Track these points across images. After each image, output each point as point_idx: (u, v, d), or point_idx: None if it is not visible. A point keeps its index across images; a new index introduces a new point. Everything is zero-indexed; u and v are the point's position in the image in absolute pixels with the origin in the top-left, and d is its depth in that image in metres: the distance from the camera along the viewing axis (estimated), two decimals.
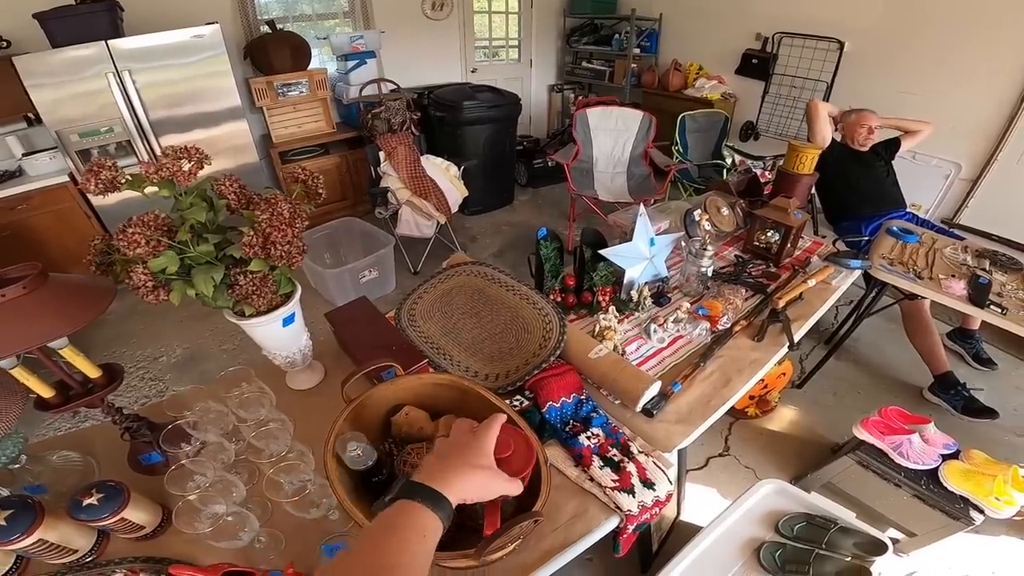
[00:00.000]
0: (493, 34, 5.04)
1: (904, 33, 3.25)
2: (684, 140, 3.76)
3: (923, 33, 3.16)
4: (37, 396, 0.86)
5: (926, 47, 3.17)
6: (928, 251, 2.00)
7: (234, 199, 0.88)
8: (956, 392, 2.18)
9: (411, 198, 2.99)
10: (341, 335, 1.16)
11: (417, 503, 0.54)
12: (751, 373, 1.23)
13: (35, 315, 0.73)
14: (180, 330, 2.86)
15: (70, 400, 0.88)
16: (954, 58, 3.07)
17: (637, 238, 1.35)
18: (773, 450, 2.08)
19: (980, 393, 2.19)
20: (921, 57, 3.21)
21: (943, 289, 1.75)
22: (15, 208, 2.89)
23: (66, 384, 0.88)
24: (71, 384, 0.88)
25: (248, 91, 3.44)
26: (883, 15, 3.31)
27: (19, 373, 0.81)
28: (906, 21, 3.22)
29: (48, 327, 0.73)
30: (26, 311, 0.72)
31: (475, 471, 0.61)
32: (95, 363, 0.90)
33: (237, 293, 0.87)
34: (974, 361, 2.51)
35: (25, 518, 0.74)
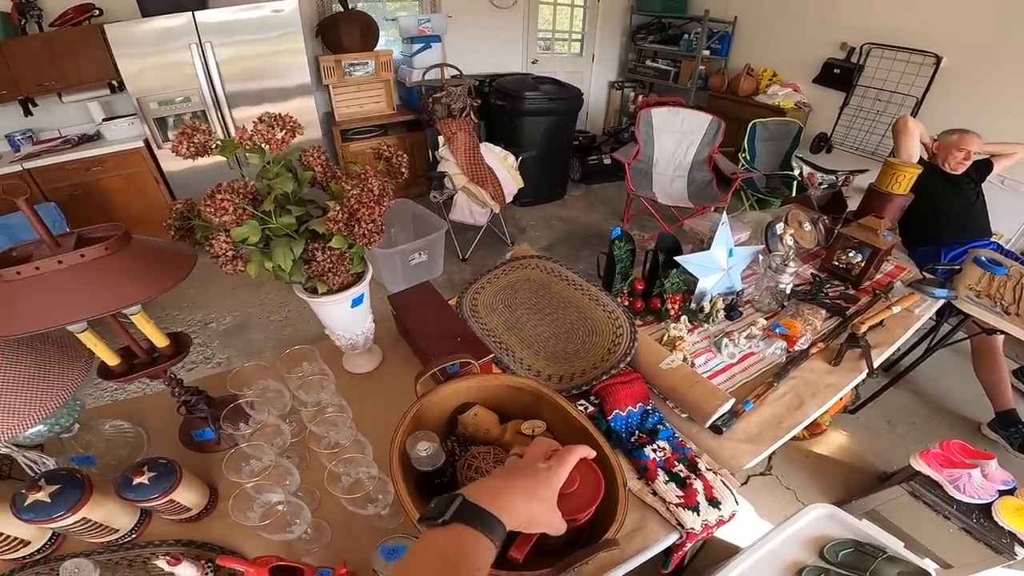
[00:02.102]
0: (557, 26, 4.96)
1: (1009, 50, 3.01)
2: (753, 148, 3.61)
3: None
4: (101, 363, 0.84)
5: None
6: (1016, 285, 1.84)
7: (320, 172, 0.86)
8: (1016, 430, 2.12)
9: (467, 184, 2.98)
10: (405, 321, 1.13)
11: (475, 530, 0.49)
12: (826, 397, 1.17)
13: (115, 278, 0.72)
14: (231, 298, 2.94)
15: (134, 369, 0.86)
16: None
17: (716, 247, 1.28)
18: (817, 473, 2.02)
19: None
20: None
21: None
22: (90, 169, 3.03)
23: (131, 352, 0.87)
24: (137, 352, 0.87)
25: (316, 68, 3.49)
26: (988, 31, 3.07)
27: (87, 338, 0.79)
28: (1013, 38, 2.98)
29: (127, 291, 0.71)
30: (106, 273, 0.71)
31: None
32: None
33: (313, 269, 0.85)
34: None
35: (72, 494, 0.71)
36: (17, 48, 2.80)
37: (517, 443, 0.85)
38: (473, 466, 0.80)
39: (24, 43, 2.84)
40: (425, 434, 0.77)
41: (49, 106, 3.16)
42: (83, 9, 2.94)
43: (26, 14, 2.88)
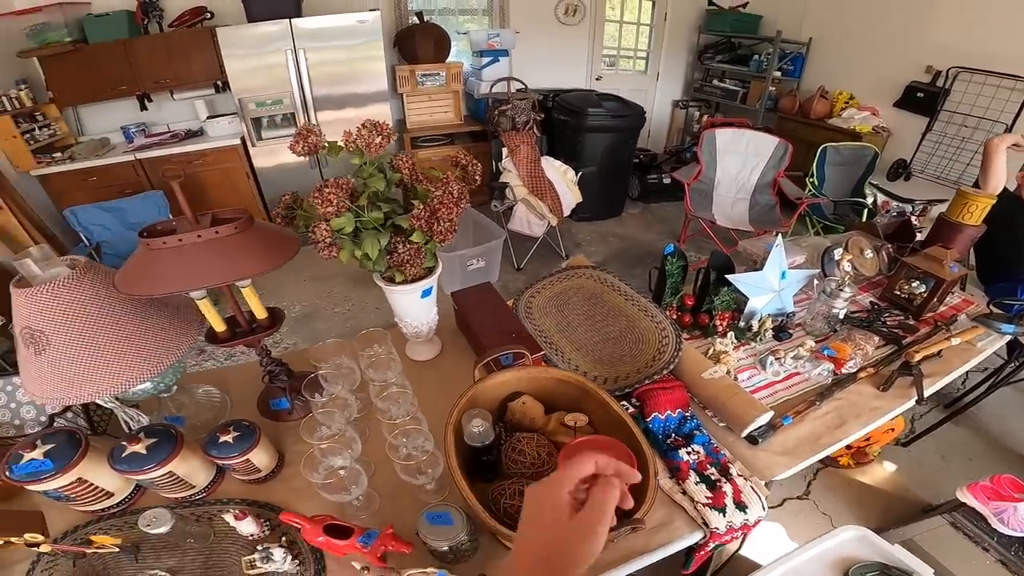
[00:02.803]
0: (622, 43, 5.02)
1: None
2: (822, 173, 3.51)
3: None
4: (209, 328, 0.98)
5: None
6: None
7: (407, 174, 0.98)
8: None
9: (527, 196, 3.09)
10: (465, 315, 1.24)
11: None
12: (869, 420, 1.17)
13: (239, 253, 0.85)
14: (302, 290, 3.18)
15: (236, 336, 0.99)
16: None
17: (768, 268, 1.30)
18: (857, 501, 1.97)
19: None
20: None
21: None
22: (192, 162, 3.38)
23: (235, 321, 1.01)
24: (240, 321, 1.01)
25: (392, 77, 3.73)
26: None
27: (203, 305, 0.93)
28: None
29: (248, 265, 0.85)
30: (233, 248, 0.85)
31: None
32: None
33: (394, 260, 0.97)
34: None
35: (165, 448, 0.81)
36: (140, 46, 3.18)
37: (559, 433, 0.92)
38: (518, 448, 0.88)
39: (146, 42, 3.22)
40: (479, 412, 0.86)
41: (161, 102, 3.56)
42: (197, 11, 3.30)
43: (149, 14, 3.27)
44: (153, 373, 0.85)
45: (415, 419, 0.91)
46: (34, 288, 0.77)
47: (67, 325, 0.79)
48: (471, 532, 0.79)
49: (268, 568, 0.79)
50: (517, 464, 0.86)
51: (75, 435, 0.83)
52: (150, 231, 0.85)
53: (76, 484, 0.81)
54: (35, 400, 0.84)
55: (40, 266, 0.81)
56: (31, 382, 0.81)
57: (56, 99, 3.24)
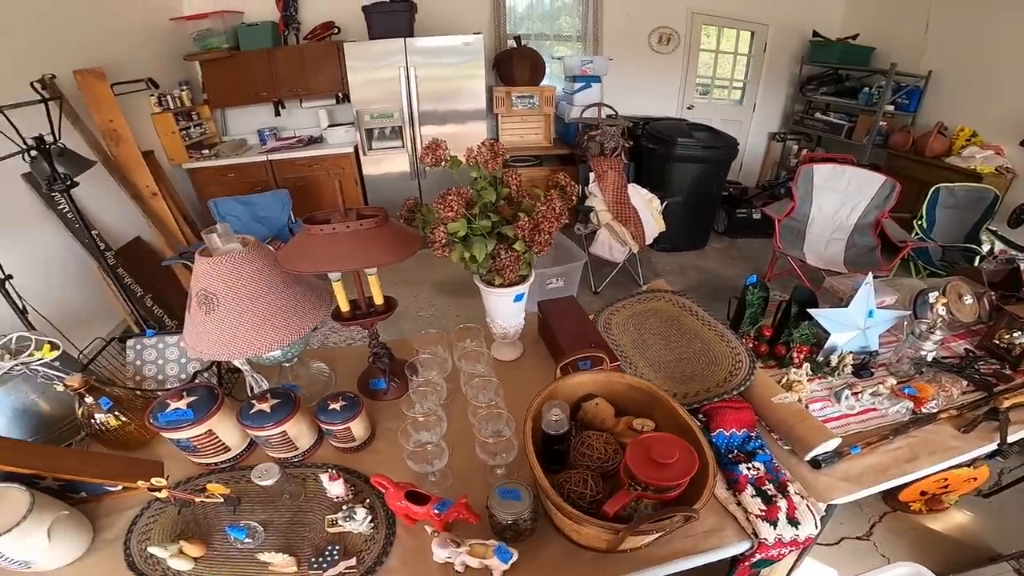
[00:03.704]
0: (717, 73, 4.98)
1: None
2: (932, 215, 3.28)
3: None
4: (336, 307, 1.15)
5: None
6: None
7: (515, 189, 1.12)
8: None
9: (611, 221, 3.16)
10: (551, 322, 1.35)
11: None
12: (944, 458, 1.14)
13: (376, 244, 1.02)
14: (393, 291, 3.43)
15: (356, 318, 1.17)
16: None
17: (855, 305, 1.30)
18: (921, 545, 1.86)
19: None
20: None
21: None
22: (311, 166, 3.81)
23: (357, 304, 1.18)
24: (361, 304, 1.18)
25: (489, 98, 3.98)
26: None
27: (338, 287, 1.11)
28: None
29: (384, 254, 1.02)
30: (372, 239, 1.02)
31: None
32: None
33: (496, 264, 1.11)
34: None
35: (285, 408, 0.95)
36: (280, 56, 3.65)
37: (627, 435, 1.00)
38: (587, 443, 0.96)
39: (285, 52, 3.70)
40: (559, 403, 0.96)
41: (292, 109, 4.05)
42: (328, 26, 3.75)
43: (289, 25, 3.75)
44: (292, 339, 1.01)
45: (498, 406, 1.02)
46: (215, 257, 0.96)
47: (235, 291, 0.96)
48: (533, 512, 0.87)
49: (347, 528, 0.88)
50: (584, 457, 0.94)
51: (214, 391, 0.99)
52: (309, 219, 1.05)
53: (205, 436, 0.96)
54: (196, 354, 1.01)
55: (222, 240, 1.02)
56: (196, 338, 0.97)
57: (210, 100, 3.80)
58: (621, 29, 4.39)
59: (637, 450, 0.84)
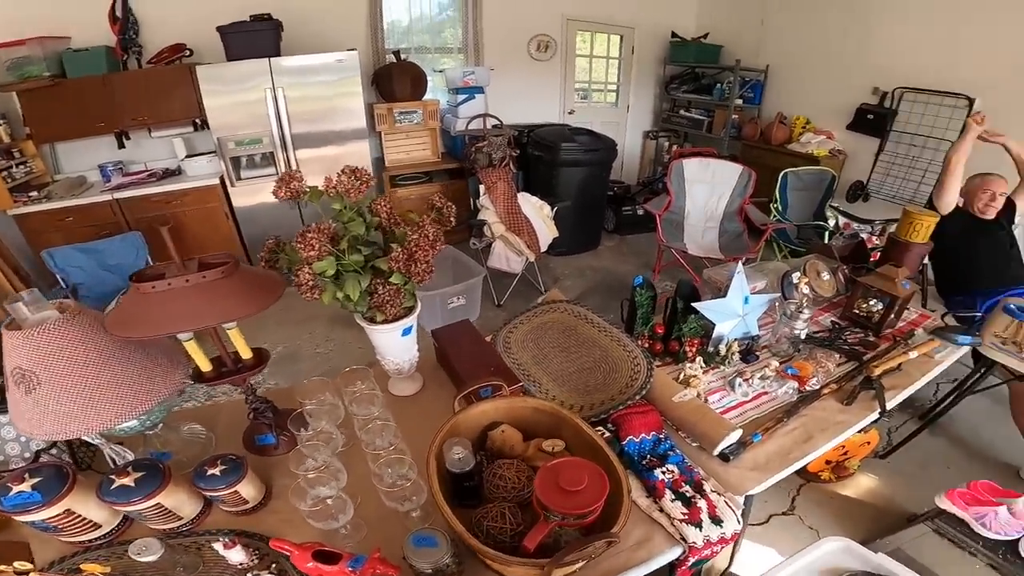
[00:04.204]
0: (593, 77, 5.22)
1: None
2: (785, 198, 3.67)
3: None
4: (195, 368, 1.02)
5: None
6: None
7: (385, 218, 1.03)
8: None
9: (505, 233, 3.15)
10: (447, 351, 1.28)
11: None
12: (835, 433, 1.23)
13: (226, 297, 0.89)
14: (282, 331, 3.18)
15: (222, 376, 1.03)
16: None
17: (732, 295, 1.38)
18: (842, 514, 2.01)
19: None
20: None
21: None
22: (170, 202, 3.40)
23: (221, 361, 1.04)
24: (226, 361, 1.04)
25: (370, 115, 3.82)
26: (1017, 70, 3.11)
27: (191, 346, 0.97)
28: None
29: (235, 308, 0.89)
30: (221, 292, 0.89)
31: None
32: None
33: (375, 301, 1.02)
34: None
35: (153, 480, 0.85)
36: (118, 82, 3.20)
37: (538, 458, 0.96)
38: (498, 474, 0.92)
39: (125, 78, 3.24)
40: (460, 440, 0.90)
41: (140, 140, 3.58)
42: (177, 48, 3.36)
43: (128, 50, 3.31)
44: (139, 412, 0.89)
45: (398, 450, 0.95)
46: (25, 331, 0.81)
47: (57, 365, 0.83)
48: (456, 555, 0.82)
49: None
50: (498, 489, 0.90)
51: (62, 469, 0.86)
52: (139, 276, 0.90)
53: (64, 515, 0.84)
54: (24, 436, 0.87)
55: (31, 309, 0.85)
56: (21, 419, 0.85)
57: (33, 135, 3.23)
58: (501, 39, 4.44)
59: (546, 480, 0.81)
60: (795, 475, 2.11)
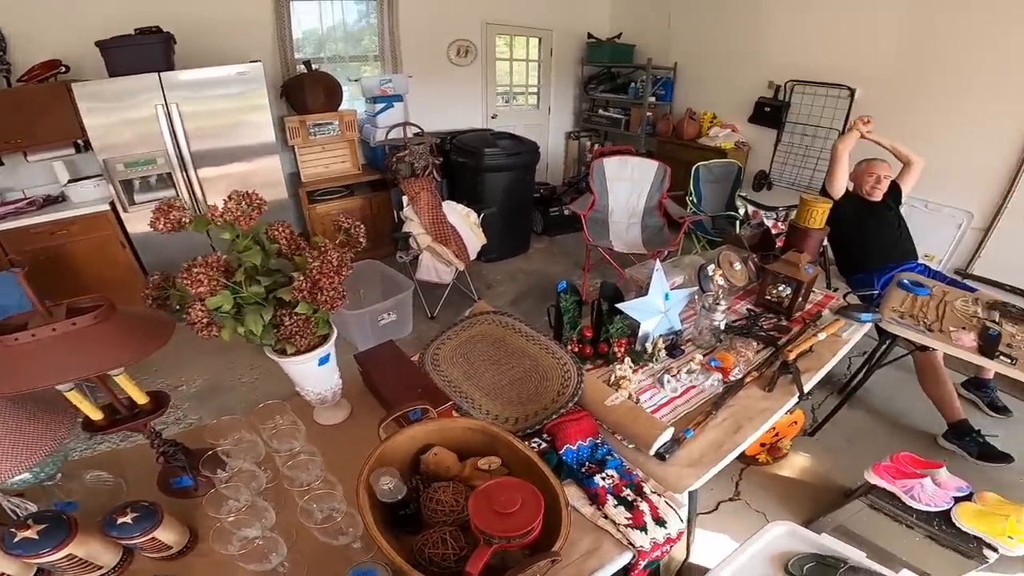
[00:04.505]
0: (514, 80, 5.26)
1: (913, 81, 3.37)
2: (699, 190, 3.84)
3: (931, 81, 3.29)
4: (85, 417, 0.92)
5: (934, 95, 3.29)
6: (939, 303, 2.03)
7: (285, 244, 0.96)
8: (971, 439, 2.20)
9: (432, 244, 3.07)
10: (370, 376, 1.22)
11: None
12: (761, 421, 1.27)
13: (102, 344, 0.80)
14: (199, 363, 2.94)
15: (116, 423, 0.94)
16: (961, 106, 3.19)
17: (652, 292, 1.41)
18: (785, 495, 2.08)
19: (995, 439, 2.19)
20: (930, 105, 3.31)
21: (953, 341, 1.78)
22: (55, 233, 3.03)
23: (114, 407, 0.95)
24: (119, 408, 0.95)
25: (282, 129, 3.62)
26: (894, 63, 3.44)
27: (73, 396, 0.87)
28: (915, 69, 3.35)
29: (113, 356, 0.80)
30: (94, 340, 0.79)
31: None
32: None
33: (282, 333, 0.94)
34: (989, 409, 2.51)
35: (58, 533, 0.77)
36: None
37: (476, 478, 0.94)
38: (435, 498, 0.88)
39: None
40: (387, 470, 0.86)
41: (15, 166, 3.16)
42: (51, 65, 3.00)
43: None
44: (26, 466, 0.83)
45: (327, 483, 0.90)
46: None
47: None
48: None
49: None
50: (437, 513, 0.87)
51: None
52: (1, 327, 0.79)
53: None
54: None
55: None
56: None
57: None
58: (420, 45, 4.34)
59: (479, 504, 0.80)
60: (735, 460, 2.18)
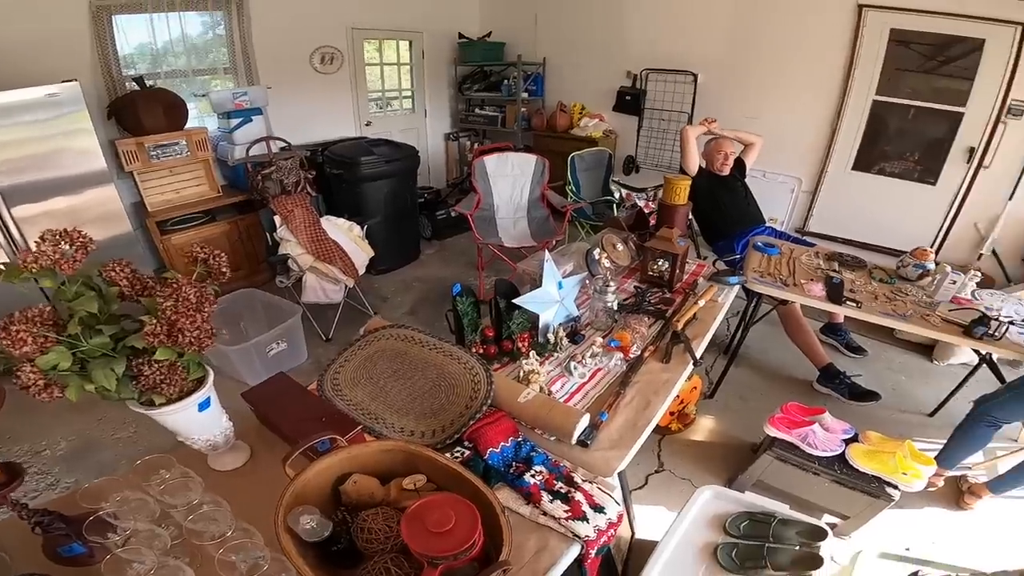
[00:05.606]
0: (386, 85, 5.10)
1: (744, 64, 3.86)
2: (576, 179, 4.02)
3: (758, 64, 3.79)
4: None
5: (762, 76, 3.80)
6: (788, 260, 2.33)
7: (127, 285, 0.82)
8: (840, 381, 2.46)
9: (315, 263, 2.86)
10: (264, 413, 1.11)
11: None
12: (666, 392, 1.34)
13: None
14: (60, 423, 2.49)
15: None
16: (784, 85, 3.73)
17: (546, 283, 1.44)
18: (703, 458, 2.19)
19: (860, 378, 2.48)
20: (759, 84, 3.83)
21: (806, 292, 2.05)
22: None
23: None
24: None
25: (115, 154, 3.15)
26: (726, 49, 3.91)
27: None
28: (744, 53, 3.84)
29: None
30: None
31: None
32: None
33: (144, 384, 0.81)
34: (847, 350, 2.88)
35: None
36: None
37: (404, 499, 0.90)
38: (365, 527, 0.83)
39: None
40: (305, 508, 0.79)
41: None
42: None
43: None
44: None
45: (243, 531, 0.82)
46: None
47: None
48: None
49: None
50: (372, 543, 0.82)
51: None
52: None
53: None
54: None
55: None
56: None
57: None
58: (278, 55, 4.01)
59: (412, 527, 0.76)
60: (651, 432, 2.25)
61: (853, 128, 3.58)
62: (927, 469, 1.58)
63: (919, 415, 2.51)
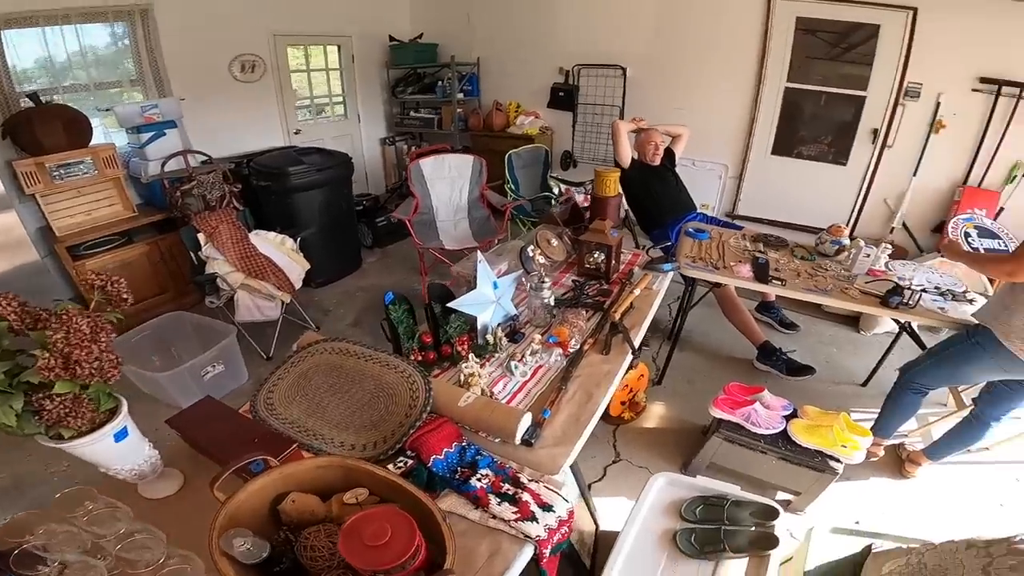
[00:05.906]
0: (315, 92, 4.92)
1: (669, 57, 4.02)
2: (515, 177, 4.04)
3: (682, 56, 3.96)
4: None
5: (686, 68, 3.98)
6: (718, 244, 2.44)
7: (15, 319, 0.76)
8: (777, 357, 2.57)
9: (246, 280, 2.72)
10: (193, 438, 1.06)
11: None
12: (607, 384, 1.35)
13: None
14: None
15: None
16: (706, 76, 3.91)
17: (480, 284, 1.44)
18: (657, 445, 2.22)
19: (795, 354, 2.60)
20: (684, 77, 4.01)
21: (735, 274, 2.15)
22: None
23: None
24: None
25: (13, 176, 2.88)
26: (652, 43, 4.06)
27: None
28: (668, 47, 4.00)
29: None
30: None
31: None
32: None
33: (48, 418, 0.76)
34: (781, 327, 3.03)
35: None
36: None
37: (346, 514, 0.88)
38: (308, 546, 0.82)
39: None
40: (237, 531, 0.77)
41: None
42: None
43: None
44: None
45: (180, 557, 0.81)
46: None
47: None
48: None
49: None
50: (316, 560, 0.81)
51: None
52: None
53: None
54: None
55: None
56: None
57: None
58: (192, 64, 3.76)
59: (350, 543, 0.75)
60: (605, 423, 2.21)
61: (769, 115, 3.79)
62: (864, 440, 1.62)
63: (852, 385, 2.62)
